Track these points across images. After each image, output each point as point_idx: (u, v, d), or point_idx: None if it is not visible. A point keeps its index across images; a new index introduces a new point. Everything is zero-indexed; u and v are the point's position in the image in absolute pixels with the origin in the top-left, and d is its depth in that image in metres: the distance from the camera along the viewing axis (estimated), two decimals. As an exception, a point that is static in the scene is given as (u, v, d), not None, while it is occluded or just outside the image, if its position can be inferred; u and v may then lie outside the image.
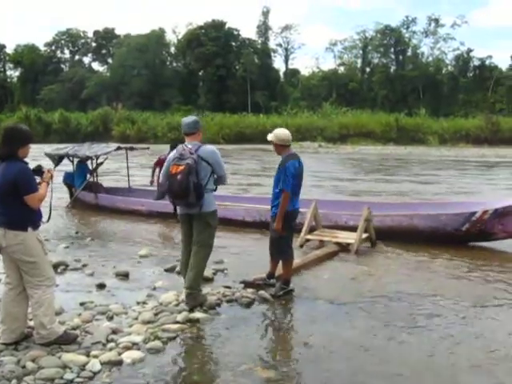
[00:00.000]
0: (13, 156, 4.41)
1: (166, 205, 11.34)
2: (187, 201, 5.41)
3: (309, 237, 8.82)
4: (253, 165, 29.36)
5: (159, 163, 11.05)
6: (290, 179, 5.91)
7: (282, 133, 6.17)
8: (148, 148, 16.31)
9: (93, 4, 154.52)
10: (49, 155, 13.70)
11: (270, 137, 6.21)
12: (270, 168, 22.44)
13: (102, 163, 13.76)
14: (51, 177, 4.68)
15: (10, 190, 4.32)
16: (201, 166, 5.44)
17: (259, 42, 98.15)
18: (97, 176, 13.80)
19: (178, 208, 5.78)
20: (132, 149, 14.49)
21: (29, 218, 4.42)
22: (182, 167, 5.35)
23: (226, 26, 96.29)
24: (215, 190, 5.73)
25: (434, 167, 29.51)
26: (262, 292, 6.08)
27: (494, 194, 16.09)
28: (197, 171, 5.38)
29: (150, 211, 11.57)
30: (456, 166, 30.02)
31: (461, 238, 8.68)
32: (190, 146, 5.55)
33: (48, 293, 4.48)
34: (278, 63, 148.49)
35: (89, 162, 13.60)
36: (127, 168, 14.35)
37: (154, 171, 12.07)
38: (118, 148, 13.35)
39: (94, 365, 4.16)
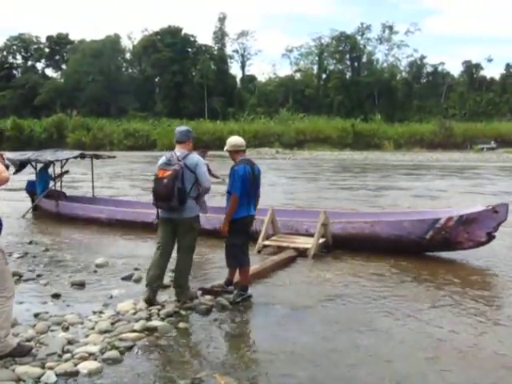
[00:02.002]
0: None
1: (125, 212, 11.27)
2: (170, 204, 5.69)
3: (266, 242, 8.86)
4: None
5: None
6: (237, 182, 5.97)
7: (233, 139, 6.34)
8: (115, 157, 15.79)
9: (46, 9, 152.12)
10: (10, 160, 13.35)
11: (225, 149, 6.34)
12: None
13: (67, 171, 13.45)
14: None
15: None
16: (186, 174, 5.73)
17: (216, 48, 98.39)
18: (61, 184, 13.55)
19: (159, 212, 5.95)
20: (97, 157, 14.00)
21: None
22: (168, 172, 5.67)
23: (183, 32, 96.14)
24: (197, 198, 5.95)
25: (391, 172, 30.01)
26: (220, 299, 6.08)
27: (457, 199, 16.47)
28: (182, 178, 5.68)
29: (110, 219, 11.39)
30: (412, 171, 30.60)
31: (426, 246, 8.42)
32: (178, 154, 5.86)
33: (7, 305, 4.35)
34: (235, 69, 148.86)
35: (51, 170, 13.32)
36: (92, 176, 14.05)
37: None
38: (82, 155, 12.98)
39: (50, 376, 4.08)
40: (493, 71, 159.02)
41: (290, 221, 9.58)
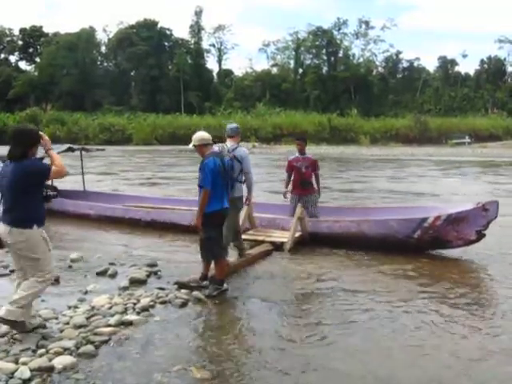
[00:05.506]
0: (24, 157, 4.56)
1: (114, 209, 11.19)
2: None
3: (243, 236, 8.84)
4: (191, 167, 29.17)
5: (291, 168, 9.50)
6: (208, 176, 6.01)
7: (199, 133, 6.43)
8: (103, 149, 15.70)
9: (19, 1, 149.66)
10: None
11: (190, 145, 6.35)
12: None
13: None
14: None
15: (21, 187, 4.50)
16: (234, 163, 6.83)
17: (192, 42, 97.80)
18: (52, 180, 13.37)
19: None
20: (86, 150, 13.90)
21: (34, 216, 4.59)
22: None
23: (159, 25, 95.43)
24: (243, 183, 7.31)
25: (368, 166, 30.18)
26: (196, 293, 6.09)
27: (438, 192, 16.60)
28: (231, 166, 6.57)
29: (99, 216, 11.25)
30: (388, 165, 30.80)
31: (414, 245, 8.19)
32: (228, 146, 7.04)
33: (37, 286, 4.69)
34: (212, 64, 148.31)
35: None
36: (82, 169, 13.86)
37: (289, 180, 9.60)
38: (71, 148, 12.69)
39: (24, 372, 4.05)
40: (468, 67, 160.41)
41: (278, 218, 9.49)
